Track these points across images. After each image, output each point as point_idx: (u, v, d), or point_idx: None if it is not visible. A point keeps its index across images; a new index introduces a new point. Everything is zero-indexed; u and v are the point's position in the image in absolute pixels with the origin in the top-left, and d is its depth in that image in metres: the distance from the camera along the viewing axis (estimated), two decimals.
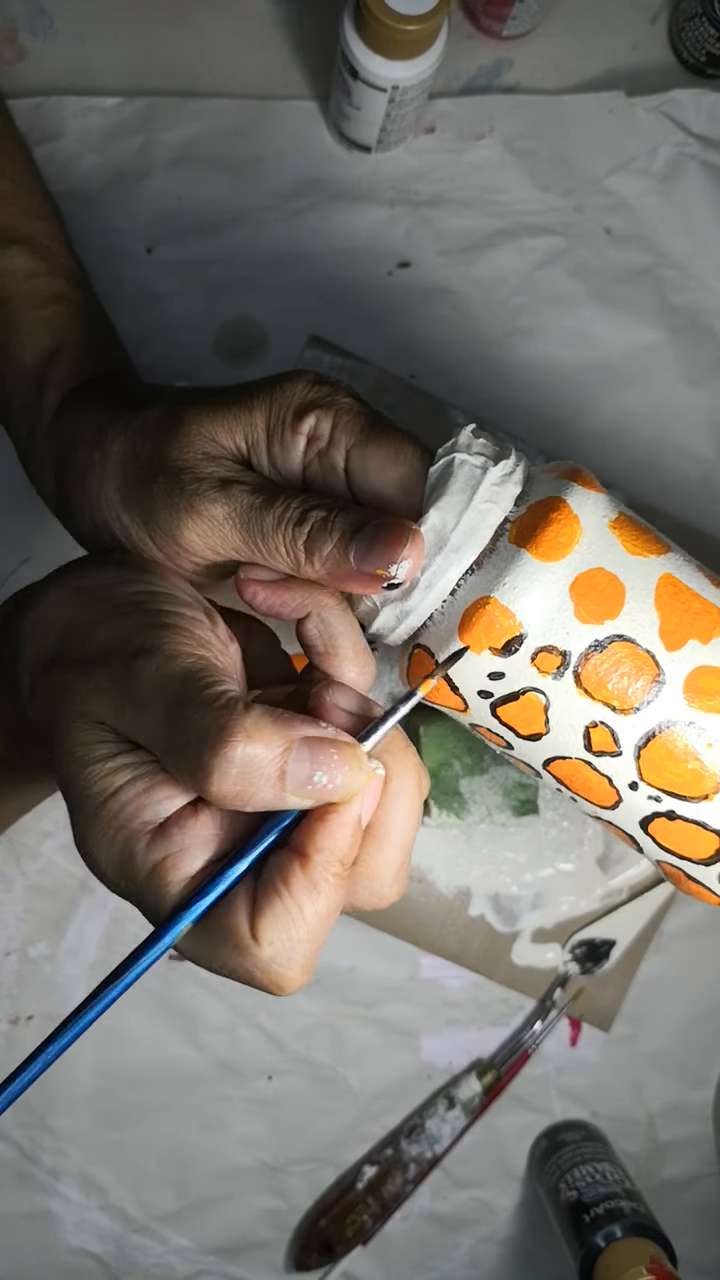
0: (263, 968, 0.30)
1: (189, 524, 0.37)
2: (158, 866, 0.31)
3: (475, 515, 0.36)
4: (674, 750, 0.36)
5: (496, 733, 0.38)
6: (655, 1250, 0.51)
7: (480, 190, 0.56)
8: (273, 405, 0.38)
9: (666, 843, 0.38)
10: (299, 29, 0.56)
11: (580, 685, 0.36)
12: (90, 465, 0.40)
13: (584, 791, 0.38)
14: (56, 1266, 0.58)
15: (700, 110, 0.57)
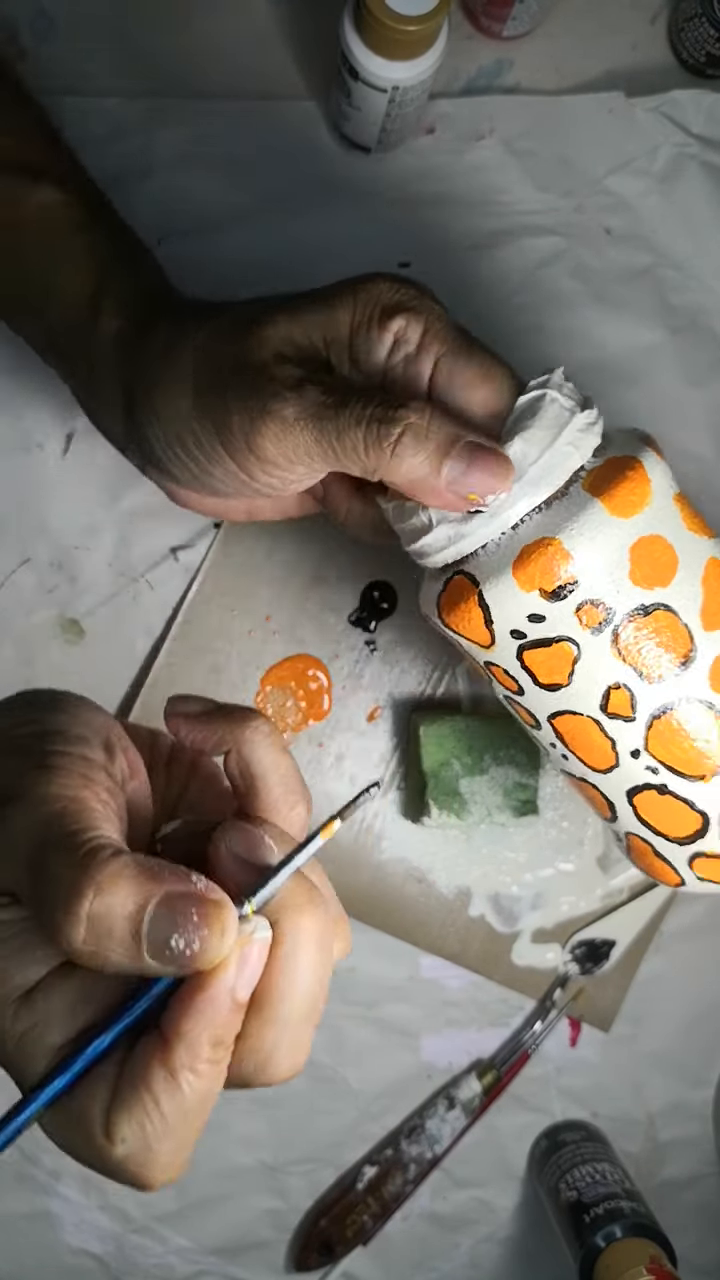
0: (116, 1167, 0.26)
1: (262, 427, 0.36)
2: (23, 1037, 0.26)
3: (557, 455, 0.36)
4: (686, 727, 0.36)
5: (512, 675, 0.37)
6: (655, 1250, 0.51)
7: (480, 190, 0.56)
8: (358, 303, 0.37)
9: (648, 816, 0.38)
10: (299, 29, 0.56)
11: (616, 645, 0.36)
12: (161, 382, 0.39)
13: (582, 750, 0.38)
14: (57, 1266, 0.58)
15: (700, 111, 0.57)
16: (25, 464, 0.55)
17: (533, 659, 0.37)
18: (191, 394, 0.38)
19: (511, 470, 0.35)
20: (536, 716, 0.39)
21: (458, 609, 0.37)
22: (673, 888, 0.41)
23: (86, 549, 0.56)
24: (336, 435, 0.35)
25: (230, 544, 0.56)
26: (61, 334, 0.44)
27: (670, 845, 0.39)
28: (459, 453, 0.35)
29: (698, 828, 0.38)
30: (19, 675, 0.56)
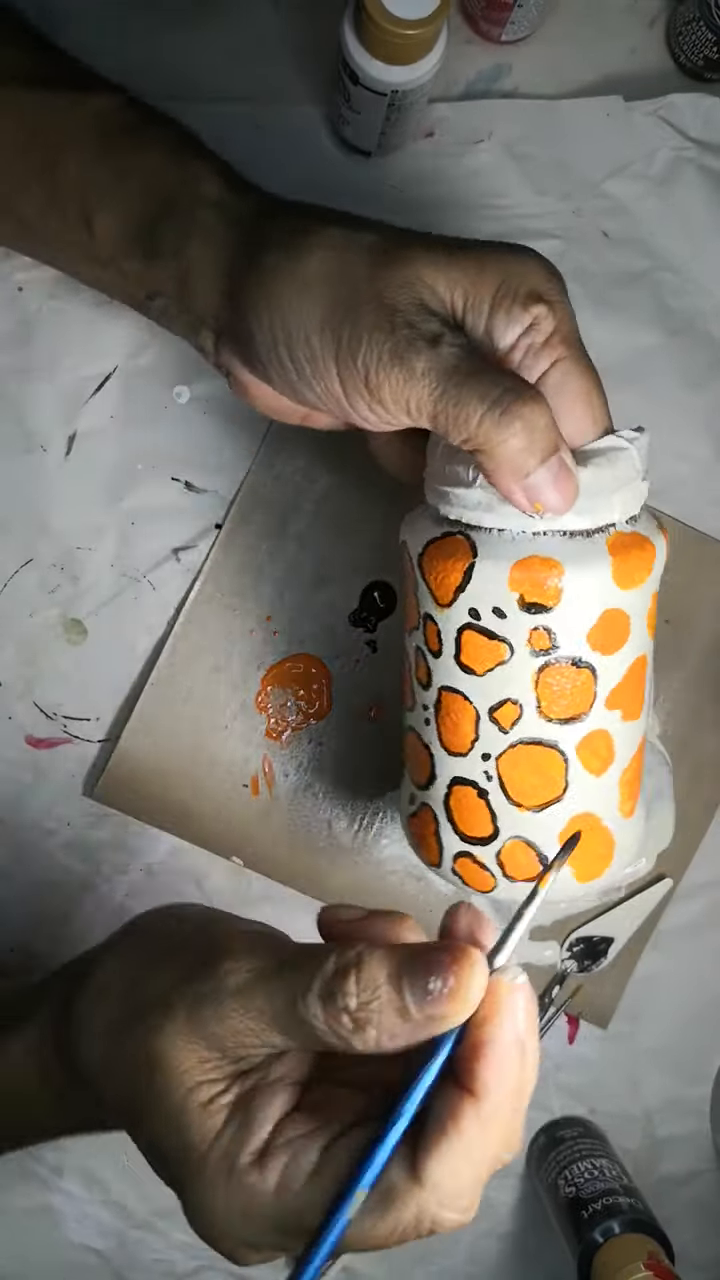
0: (427, 1210, 0.28)
1: (389, 371, 0.36)
2: (280, 1187, 0.29)
3: (608, 503, 0.39)
4: (541, 764, 0.41)
5: (442, 639, 0.41)
6: (653, 1246, 0.51)
7: (479, 194, 0.57)
8: (509, 274, 0.38)
9: (455, 805, 0.44)
10: (299, 33, 0.56)
11: (540, 674, 0.40)
12: (282, 270, 0.38)
13: (447, 727, 0.42)
14: (58, 1262, 0.59)
15: (698, 114, 0.57)
16: (27, 465, 0.56)
17: (470, 640, 0.40)
18: (322, 304, 0.37)
19: (576, 499, 0.38)
20: (433, 679, 0.42)
21: (442, 561, 0.40)
22: (425, 862, 0.46)
23: (88, 549, 0.56)
24: (456, 402, 0.36)
25: (231, 544, 0.56)
26: (141, 214, 0.42)
27: (453, 835, 0.44)
28: (552, 465, 0.37)
29: (485, 835, 0.43)
30: (21, 675, 0.56)
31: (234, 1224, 0.30)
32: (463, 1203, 0.29)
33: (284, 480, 0.56)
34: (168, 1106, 0.31)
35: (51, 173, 0.43)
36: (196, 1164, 0.30)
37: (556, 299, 0.39)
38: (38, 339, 0.55)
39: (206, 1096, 0.31)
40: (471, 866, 0.44)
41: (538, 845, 0.43)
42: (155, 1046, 0.31)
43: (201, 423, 0.56)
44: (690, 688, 0.58)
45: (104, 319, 0.55)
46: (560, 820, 0.42)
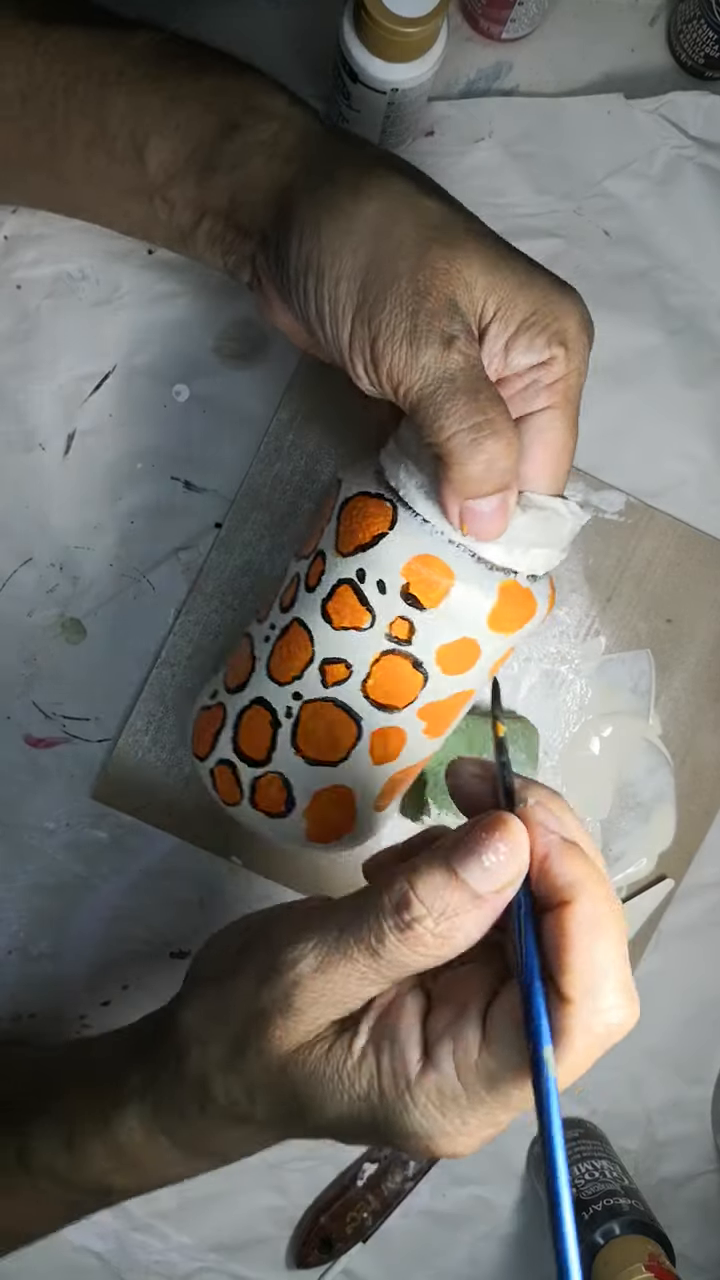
0: (595, 1024, 0.30)
1: (395, 346, 0.37)
2: (460, 1071, 0.31)
3: (526, 552, 0.41)
4: (331, 723, 0.44)
5: (320, 581, 0.43)
6: (654, 1247, 0.51)
7: (479, 193, 0.57)
8: (549, 304, 0.38)
9: (243, 728, 0.46)
10: (298, 31, 0.56)
11: (382, 658, 0.43)
12: (337, 206, 0.38)
13: (281, 656, 0.44)
14: (58, 1263, 0.58)
15: (699, 113, 0.57)
16: (27, 464, 0.55)
17: (343, 594, 0.42)
18: (362, 254, 0.38)
19: (500, 536, 0.40)
20: (293, 608, 0.44)
21: (361, 516, 0.42)
22: (193, 752, 0.48)
23: (88, 549, 0.56)
24: (440, 409, 0.37)
25: (231, 544, 0.56)
26: (200, 133, 0.42)
27: (229, 743, 0.46)
28: (494, 500, 0.38)
29: (256, 759, 0.45)
30: (20, 675, 0.56)
31: (438, 1125, 0.31)
32: (617, 998, 0.30)
33: (284, 480, 0.56)
34: (321, 1091, 0.32)
35: (99, 109, 0.43)
36: (380, 1107, 0.31)
37: (579, 350, 0.39)
38: (37, 338, 0.55)
39: (347, 1058, 0.32)
40: (229, 777, 0.46)
41: (293, 788, 0.45)
42: (276, 1058, 0.32)
43: (201, 422, 0.56)
44: (690, 688, 0.58)
45: (104, 318, 0.55)
46: (323, 780, 0.45)
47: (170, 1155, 0.38)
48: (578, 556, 0.57)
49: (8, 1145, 0.42)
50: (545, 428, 0.40)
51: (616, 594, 0.57)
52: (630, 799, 0.58)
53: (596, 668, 0.57)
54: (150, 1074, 0.38)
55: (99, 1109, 0.39)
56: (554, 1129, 0.28)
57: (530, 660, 0.57)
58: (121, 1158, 0.39)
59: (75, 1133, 0.40)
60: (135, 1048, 0.40)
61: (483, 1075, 0.30)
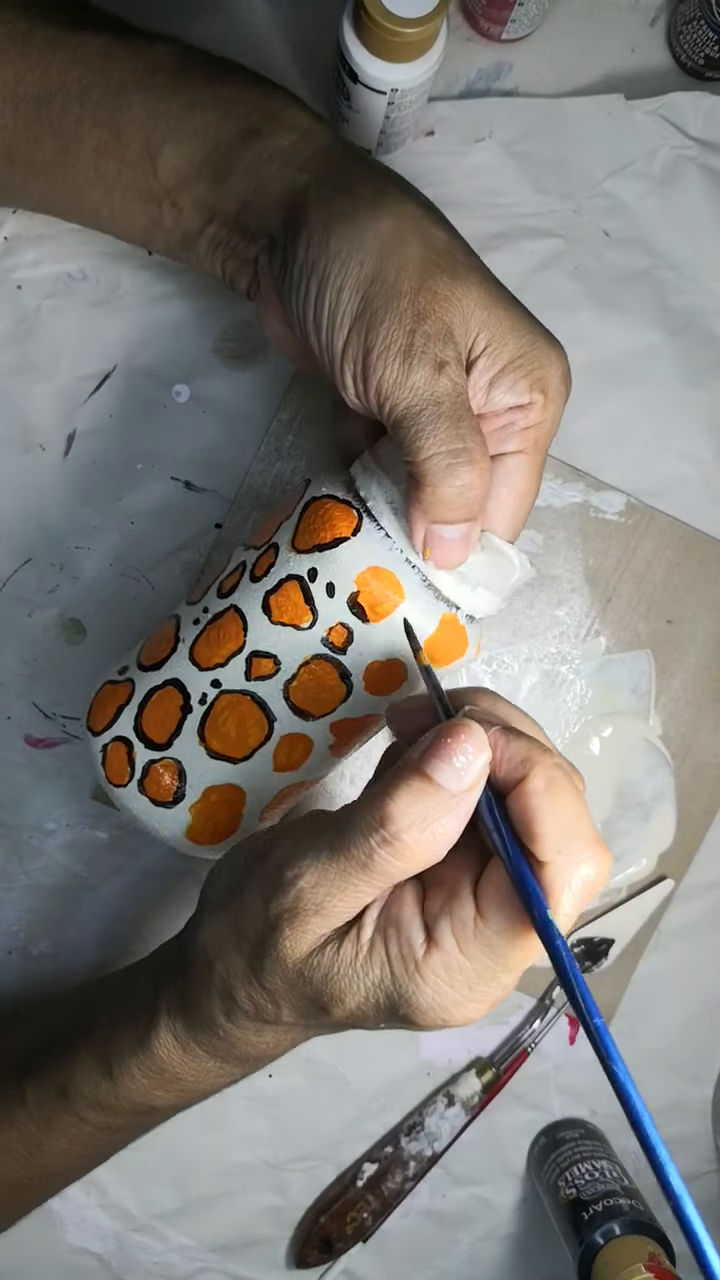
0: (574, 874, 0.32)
1: (386, 362, 0.38)
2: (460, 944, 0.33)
3: (474, 591, 0.42)
4: (246, 724, 0.44)
5: (267, 573, 0.43)
6: (654, 1248, 0.51)
7: (480, 193, 0.57)
8: (535, 350, 0.40)
9: (150, 708, 0.45)
10: (298, 32, 0.56)
11: (313, 661, 0.42)
12: (351, 218, 0.39)
13: (208, 641, 0.44)
14: (58, 1265, 0.58)
15: (699, 113, 0.57)
16: (27, 464, 0.55)
17: (289, 590, 0.42)
18: (368, 267, 0.38)
19: (458, 565, 0.41)
20: (232, 595, 0.44)
21: (324, 519, 0.42)
22: (88, 725, 0.46)
23: (88, 549, 0.56)
24: (422, 430, 0.38)
25: (231, 544, 0.56)
26: (217, 139, 0.43)
27: (131, 723, 0.45)
28: (461, 529, 0.40)
29: (156, 742, 0.44)
30: (20, 675, 0.56)
31: (449, 996, 0.33)
32: (589, 850, 0.32)
33: (284, 480, 0.56)
34: (340, 985, 0.34)
35: (114, 115, 0.44)
36: (395, 989, 0.34)
37: (556, 401, 0.41)
38: (37, 338, 0.55)
39: (358, 952, 0.34)
40: (121, 755, 0.45)
41: (186, 779, 0.44)
42: (291, 964, 0.35)
43: (201, 422, 0.56)
44: (690, 688, 0.58)
45: (103, 318, 0.55)
46: (220, 776, 0.44)
47: (207, 1065, 0.41)
48: (577, 556, 0.57)
49: (49, 1083, 0.44)
50: (513, 471, 0.41)
51: (616, 594, 0.57)
52: (630, 799, 0.58)
53: (596, 668, 0.57)
54: (178, 991, 0.40)
55: (134, 1031, 0.41)
56: (571, 971, 0.31)
57: (530, 660, 0.57)
58: (162, 1074, 0.41)
59: (113, 1058, 0.42)
60: (159, 972, 0.43)
61: (482, 943, 0.33)
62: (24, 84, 0.44)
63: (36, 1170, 0.45)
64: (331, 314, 0.39)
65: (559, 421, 0.42)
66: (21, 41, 0.44)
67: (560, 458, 0.57)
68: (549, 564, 0.57)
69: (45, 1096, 0.44)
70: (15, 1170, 0.45)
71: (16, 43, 0.44)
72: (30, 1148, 0.44)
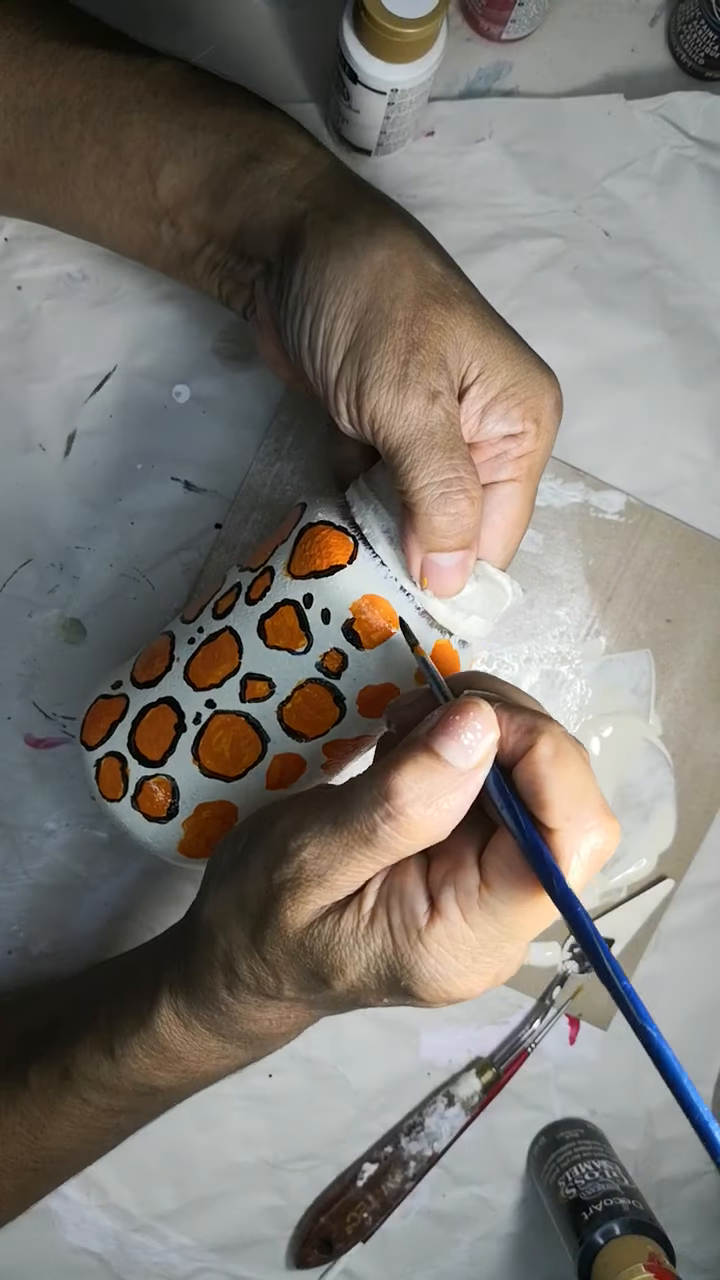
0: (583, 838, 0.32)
1: (380, 390, 0.38)
2: (464, 913, 0.33)
3: (464, 617, 0.43)
4: (239, 742, 0.44)
5: (264, 596, 0.43)
6: (654, 1248, 0.51)
7: (479, 193, 0.57)
8: (527, 378, 0.40)
9: (144, 725, 0.45)
10: (298, 32, 0.56)
11: (307, 685, 0.43)
12: (348, 245, 0.39)
13: (204, 662, 0.44)
14: (57, 1265, 0.58)
15: (699, 113, 0.57)
16: (27, 464, 0.55)
17: (284, 615, 0.42)
18: (363, 296, 0.39)
19: (455, 594, 0.41)
20: (228, 616, 0.44)
21: (321, 545, 0.42)
22: (83, 740, 0.47)
23: (88, 549, 0.56)
24: (416, 459, 0.38)
25: (231, 544, 0.56)
26: (217, 161, 0.43)
27: (125, 739, 0.45)
28: (457, 556, 0.40)
29: (151, 759, 0.44)
30: (20, 675, 0.56)
31: (451, 967, 0.33)
32: (597, 818, 0.32)
33: (284, 480, 0.56)
34: (341, 956, 0.34)
35: (115, 133, 0.44)
36: (397, 959, 0.33)
37: (549, 430, 0.41)
38: (37, 338, 0.55)
39: (359, 921, 0.34)
40: (115, 771, 0.45)
41: (180, 796, 0.44)
42: (293, 935, 0.34)
43: (201, 423, 0.56)
44: (690, 688, 0.58)
45: (104, 318, 0.55)
46: (213, 794, 0.44)
47: (208, 1044, 0.40)
48: (577, 556, 0.57)
49: (52, 1066, 0.44)
50: (506, 499, 0.42)
51: (616, 594, 0.57)
52: (630, 799, 0.58)
53: (596, 668, 0.57)
54: (180, 967, 0.40)
55: (135, 1010, 0.41)
56: (591, 931, 0.31)
57: (530, 660, 0.57)
58: (164, 1053, 0.41)
59: (115, 1038, 0.42)
60: (161, 952, 0.43)
61: (487, 912, 0.33)
62: (25, 97, 0.44)
63: (41, 1154, 0.45)
64: (326, 342, 0.40)
65: (551, 450, 0.42)
66: (24, 55, 0.44)
67: (560, 458, 0.57)
68: (549, 564, 0.57)
69: (48, 1079, 0.44)
70: (20, 1154, 0.45)
71: (19, 56, 0.44)
72: (34, 1131, 0.45)
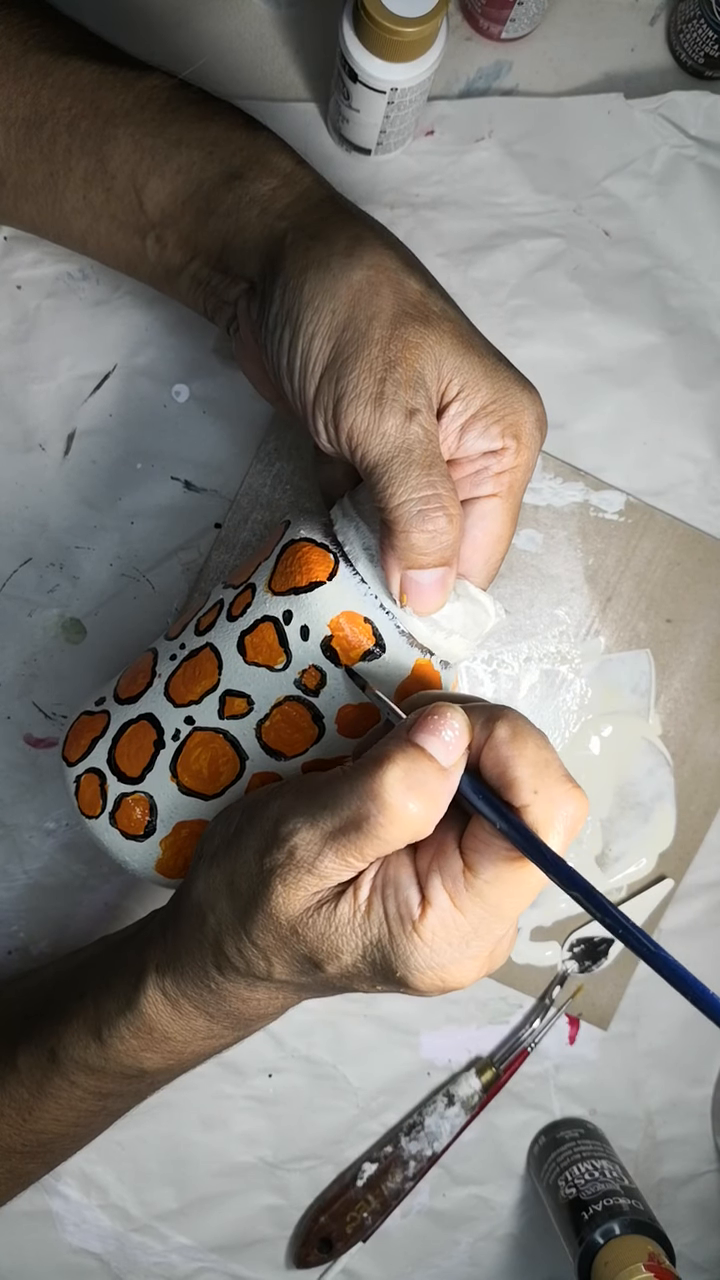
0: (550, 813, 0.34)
1: (358, 408, 0.38)
2: (453, 899, 0.34)
3: (443, 637, 0.42)
4: (218, 763, 0.44)
5: (244, 612, 0.43)
6: (654, 1247, 0.51)
7: (479, 192, 0.57)
8: (508, 395, 0.40)
9: (125, 741, 0.45)
10: (298, 31, 0.56)
11: (285, 703, 0.42)
12: (326, 266, 0.39)
13: (184, 678, 0.44)
14: (57, 1266, 0.58)
15: (699, 112, 0.57)
16: (26, 464, 0.55)
17: (264, 632, 0.42)
18: (340, 315, 0.39)
19: (434, 611, 0.41)
20: (209, 633, 0.44)
21: (302, 562, 0.42)
22: (64, 755, 0.46)
23: (88, 549, 0.56)
24: (393, 476, 0.38)
25: (231, 544, 0.56)
26: (201, 178, 0.43)
27: (105, 755, 0.45)
28: (436, 574, 0.40)
29: (130, 775, 0.44)
30: (20, 675, 0.56)
31: (445, 954, 0.34)
32: (563, 786, 0.34)
33: (284, 480, 0.56)
34: (336, 943, 0.35)
35: (101, 146, 0.44)
36: (391, 948, 0.34)
37: (530, 447, 0.41)
38: (37, 338, 0.55)
39: (355, 910, 0.35)
40: (94, 788, 0.45)
41: (158, 814, 0.44)
42: (285, 921, 0.35)
43: (201, 422, 0.56)
44: (690, 688, 0.58)
45: (103, 318, 0.55)
46: (191, 812, 0.44)
47: (196, 1023, 0.41)
48: (577, 556, 0.57)
49: (40, 1048, 0.44)
50: (487, 515, 0.42)
51: (616, 594, 0.57)
52: (630, 799, 0.58)
53: (596, 668, 0.57)
54: (168, 947, 0.40)
55: (122, 991, 0.42)
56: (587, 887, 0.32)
57: (530, 660, 0.57)
58: (151, 1034, 0.41)
59: (102, 1020, 0.42)
60: (149, 932, 0.43)
61: (474, 895, 0.34)
62: (15, 108, 0.44)
63: (30, 1136, 0.45)
64: (304, 361, 0.40)
65: (533, 467, 0.42)
66: (14, 66, 0.44)
67: (560, 458, 0.57)
68: (549, 564, 0.57)
69: (36, 1061, 0.44)
70: (10, 1136, 0.45)
71: (9, 67, 0.44)
72: (23, 1113, 0.45)
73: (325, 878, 0.35)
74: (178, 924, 0.40)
